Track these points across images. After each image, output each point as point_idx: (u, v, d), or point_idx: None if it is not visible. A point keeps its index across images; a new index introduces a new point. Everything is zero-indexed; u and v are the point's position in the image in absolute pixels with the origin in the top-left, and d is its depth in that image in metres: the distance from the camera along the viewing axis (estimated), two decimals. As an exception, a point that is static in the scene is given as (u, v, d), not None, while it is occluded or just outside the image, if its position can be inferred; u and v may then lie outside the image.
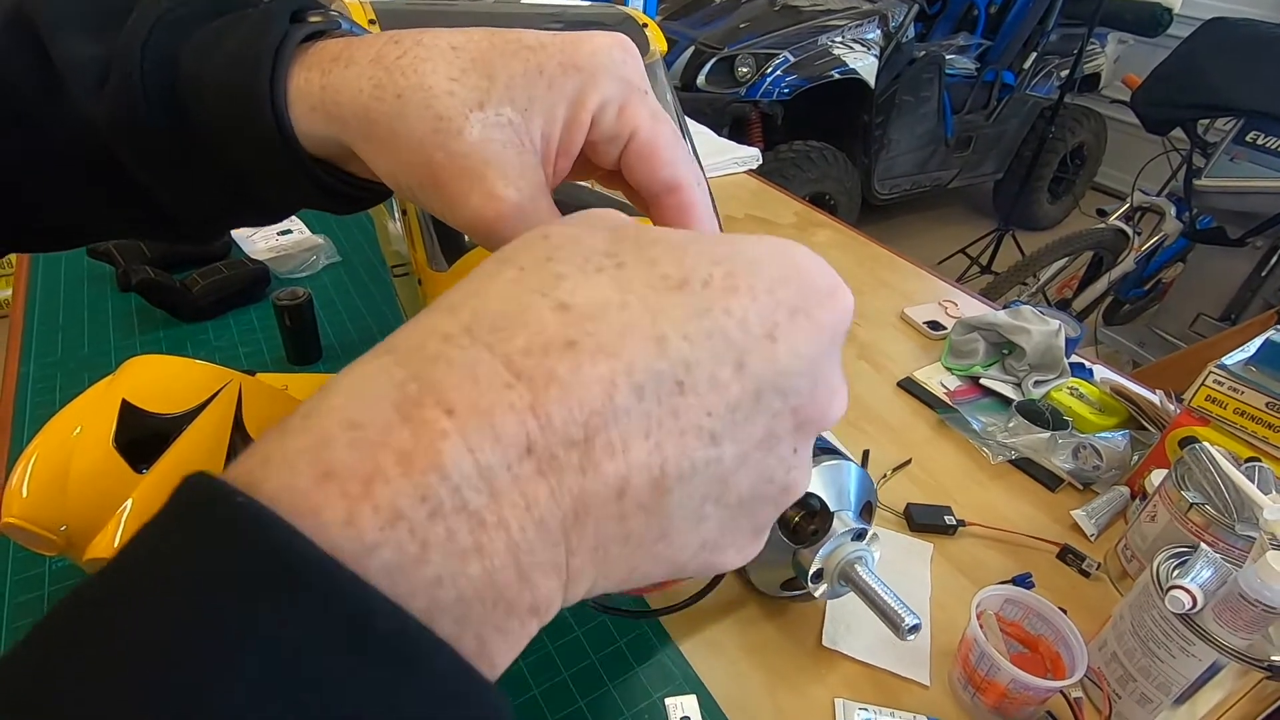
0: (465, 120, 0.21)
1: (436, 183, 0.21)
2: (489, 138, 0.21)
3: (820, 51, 2.45)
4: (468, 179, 0.21)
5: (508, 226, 0.22)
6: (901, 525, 0.60)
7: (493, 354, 0.14)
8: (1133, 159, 2.34)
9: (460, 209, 0.22)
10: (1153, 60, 1.95)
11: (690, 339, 0.15)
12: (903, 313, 0.90)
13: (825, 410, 0.18)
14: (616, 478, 0.14)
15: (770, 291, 0.16)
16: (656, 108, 0.24)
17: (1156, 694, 0.44)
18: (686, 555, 0.17)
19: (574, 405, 0.14)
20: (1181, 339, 2.01)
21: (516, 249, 0.17)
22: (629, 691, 0.46)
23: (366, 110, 0.21)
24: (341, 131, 0.22)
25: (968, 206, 3.58)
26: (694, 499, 0.16)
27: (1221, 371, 0.57)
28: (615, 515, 0.15)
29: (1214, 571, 0.42)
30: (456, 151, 0.21)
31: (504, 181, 0.21)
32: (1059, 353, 0.76)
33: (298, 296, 0.70)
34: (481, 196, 0.21)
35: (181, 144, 0.22)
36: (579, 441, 0.14)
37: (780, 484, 0.18)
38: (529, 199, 0.22)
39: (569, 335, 0.14)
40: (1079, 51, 2.47)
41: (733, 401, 0.16)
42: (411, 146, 0.21)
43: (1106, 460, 0.64)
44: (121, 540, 0.43)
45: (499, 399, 0.14)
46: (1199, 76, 1.77)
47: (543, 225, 0.18)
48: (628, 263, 0.16)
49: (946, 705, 0.47)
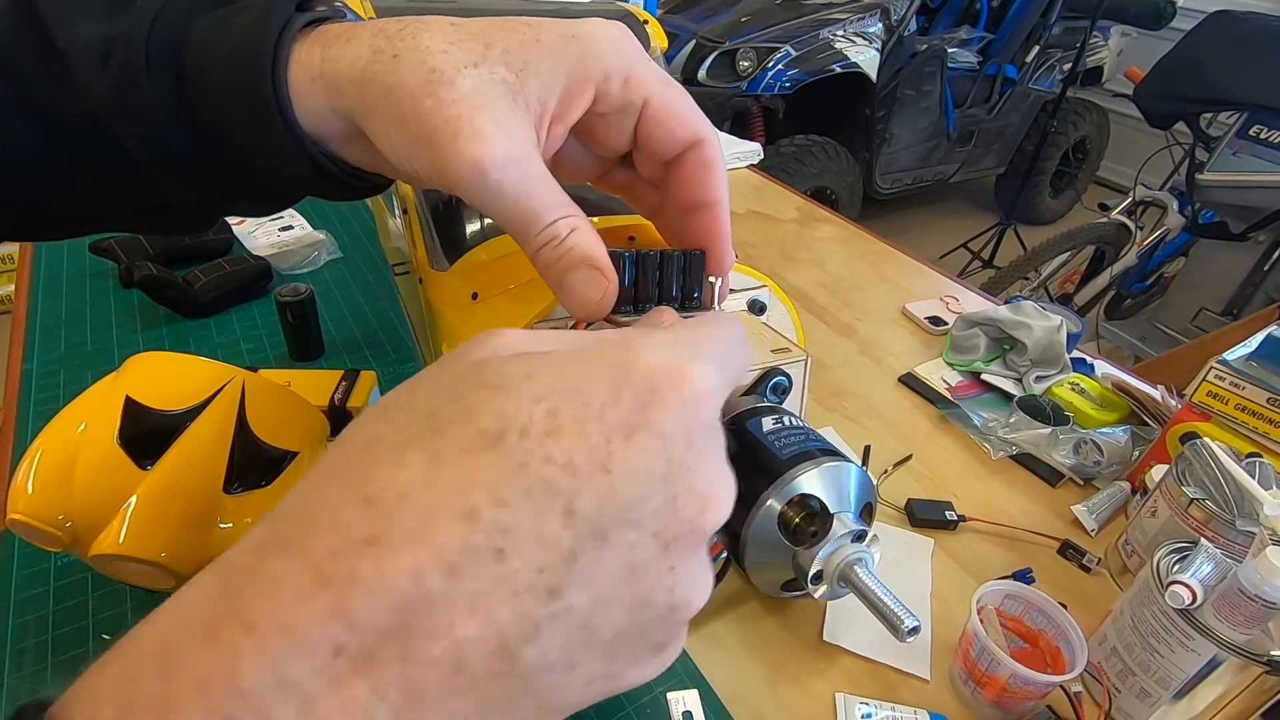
0: (458, 73, 0.21)
1: (426, 132, 0.21)
2: (481, 87, 0.21)
3: (822, 45, 2.44)
4: (457, 122, 0.21)
5: (498, 173, 0.21)
6: (902, 521, 0.60)
7: (301, 561, 0.14)
8: (1135, 153, 2.33)
9: (449, 157, 0.21)
10: (1156, 54, 1.94)
11: (505, 503, 0.15)
12: (904, 308, 0.90)
13: (697, 520, 0.17)
14: (447, 656, 0.14)
15: (600, 419, 0.16)
16: (663, 73, 0.24)
17: (1156, 688, 0.44)
18: (575, 695, 0.17)
19: (380, 600, 0.14)
20: (1183, 334, 2.00)
21: (355, 425, 0.17)
22: (631, 686, 0.47)
23: (363, 74, 0.21)
24: (339, 100, 0.22)
25: (969, 201, 3.57)
26: (554, 651, 0.15)
27: (1223, 367, 0.57)
28: (459, 689, 0.15)
29: (1214, 567, 0.42)
30: (447, 98, 0.21)
31: (493, 125, 0.21)
32: (1060, 348, 0.76)
33: (300, 292, 0.70)
34: (470, 139, 0.21)
35: (182, 122, 0.22)
36: (394, 633, 0.14)
37: (665, 605, 0.17)
38: (520, 150, 0.22)
39: (371, 531, 0.14)
40: (1081, 45, 2.46)
41: (568, 551, 0.15)
42: (404, 98, 0.21)
43: (1107, 455, 0.64)
44: (126, 536, 0.43)
45: (302, 608, 0.14)
46: (1202, 70, 1.76)
47: (401, 385, 0.17)
48: (447, 425, 0.16)
49: (947, 700, 0.47)
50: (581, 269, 0.23)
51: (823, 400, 0.74)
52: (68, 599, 0.49)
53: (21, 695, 0.44)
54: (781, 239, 1.08)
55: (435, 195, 0.42)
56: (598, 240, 0.24)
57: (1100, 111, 3.31)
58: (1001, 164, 3.29)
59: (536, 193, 0.23)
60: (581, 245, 0.23)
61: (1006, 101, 3.05)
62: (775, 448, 0.23)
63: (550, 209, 0.23)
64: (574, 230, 0.23)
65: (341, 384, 0.62)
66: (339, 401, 0.61)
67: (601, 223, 0.33)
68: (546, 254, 0.23)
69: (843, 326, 0.87)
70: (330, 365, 0.73)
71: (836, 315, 0.90)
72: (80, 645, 0.46)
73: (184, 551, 0.45)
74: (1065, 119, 3.13)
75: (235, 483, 0.48)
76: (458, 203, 0.41)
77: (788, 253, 1.04)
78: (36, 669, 0.45)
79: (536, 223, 0.23)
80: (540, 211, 0.23)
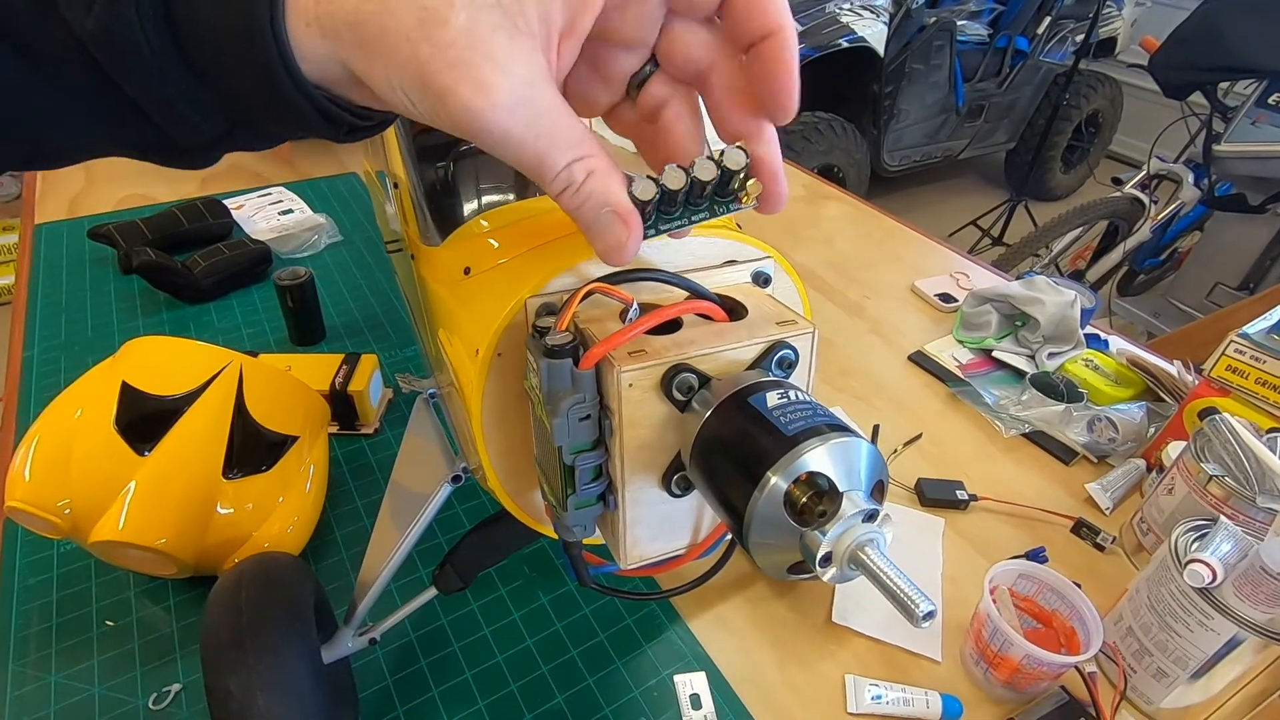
0: (450, 8, 0.20)
1: (426, 80, 0.20)
2: (476, 21, 0.20)
3: (828, 19, 2.40)
4: (456, 70, 0.20)
5: (504, 120, 0.20)
6: (913, 500, 0.59)
7: None
8: (1149, 126, 2.29)
9: (453, 106, 0.20)
10: (1171, 22, 1.89)
11: None
12: (913, 285, 0.89)
13: None
14: None
15: None
16: None
17: (1173, 668, 0.43)
18: None
19: None
20: (1198, 309, 1.97)
21: None
22: (638, 669, 0.46)
23: (356, 15, 0.20)
24: (337, 45, 0.21)
25: (979, 177, 3.52)
26: None
27: (1243, 340, 0.55)
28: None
29: (1234, 545, 0.41)
30: (442, 42, 0.20)
31: (492, 67, 0.20)
32: (1074, 324, 0.74)
33: (299, 276, 0.69)
34: (471, 87, 0.20)
35: (177, 65, 0.21)
36: None
37: None
38: (526, 85, 0.21)
39: None
40: (1095, 15, 2.40)
41: None
42: (400, 42, 0.20)
43: (1122, 432, 0.63)
44: (126, 522, 0.43)
45: None
46: (1220, 38, 1.72)
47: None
48: None
49: (958, 681, 0.47)
50: (604, 214, 0.23)
51: (830, 380, 0.73)
52: (71, 586, 0.49)
53: (26, 683, 0.44)
54: (788, 217, 1.06)
55: (428, 170, 0.41)
56: (618, 181, 0.23)
57: (1113, 84, 3.25)
58: (1012, 139, 3.23)
59: (547, 132, 0.21)
60: (600, 191, 0.22)
61: (1017, 75, 2.99)
62: (781, 423, 0.22)
63: (564, 149, 0.22)
64: (590, 174, 0.22)
65: (342, 368, 0.62)
66: (340, 385, 0.60)
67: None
68: (565, 200, 0.23)
69: (851, 305, 0.86)
70: (332, 349, 0.73)
71: (844, 293, 0.88)
72: (83, 632, 0.46)
73: (184, 537, 0.44)
74: (1078, 92, 3.06)
75: (234, 467, 0.47)
76: (451, 177, 0.40)
77: (794, 231, 1.02)
78: (40, 655, 0.45)
79: (550, 167, 0.22)
80: (552, 154, 0.22)
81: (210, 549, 0.46)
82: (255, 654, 0.34)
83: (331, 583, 0.50)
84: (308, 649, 0.36)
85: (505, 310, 0.27)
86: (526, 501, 0.33)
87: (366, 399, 0.61)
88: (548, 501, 0.30)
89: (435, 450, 0.44)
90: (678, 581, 0.43)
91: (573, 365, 0.25)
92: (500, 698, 0.44)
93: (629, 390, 0.25)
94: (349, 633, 0.42)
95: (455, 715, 0.43)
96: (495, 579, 0.51)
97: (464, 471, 0.40)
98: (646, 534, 0.29)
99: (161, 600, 0.48)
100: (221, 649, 0.34)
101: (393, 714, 0.43)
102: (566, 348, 0.25)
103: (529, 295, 0.27)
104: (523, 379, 0.28)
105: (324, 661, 0.39)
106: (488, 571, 0.51)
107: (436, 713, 0.44)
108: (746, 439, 0.23)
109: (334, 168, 1.08)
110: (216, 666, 0.34)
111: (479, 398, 0.28)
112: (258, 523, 0.47)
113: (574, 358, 0.25)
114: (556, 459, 0.26)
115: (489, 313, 0.28)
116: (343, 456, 0.60)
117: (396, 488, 0.48)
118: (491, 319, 0.28)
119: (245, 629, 0.35)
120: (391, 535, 0.42)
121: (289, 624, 0.36)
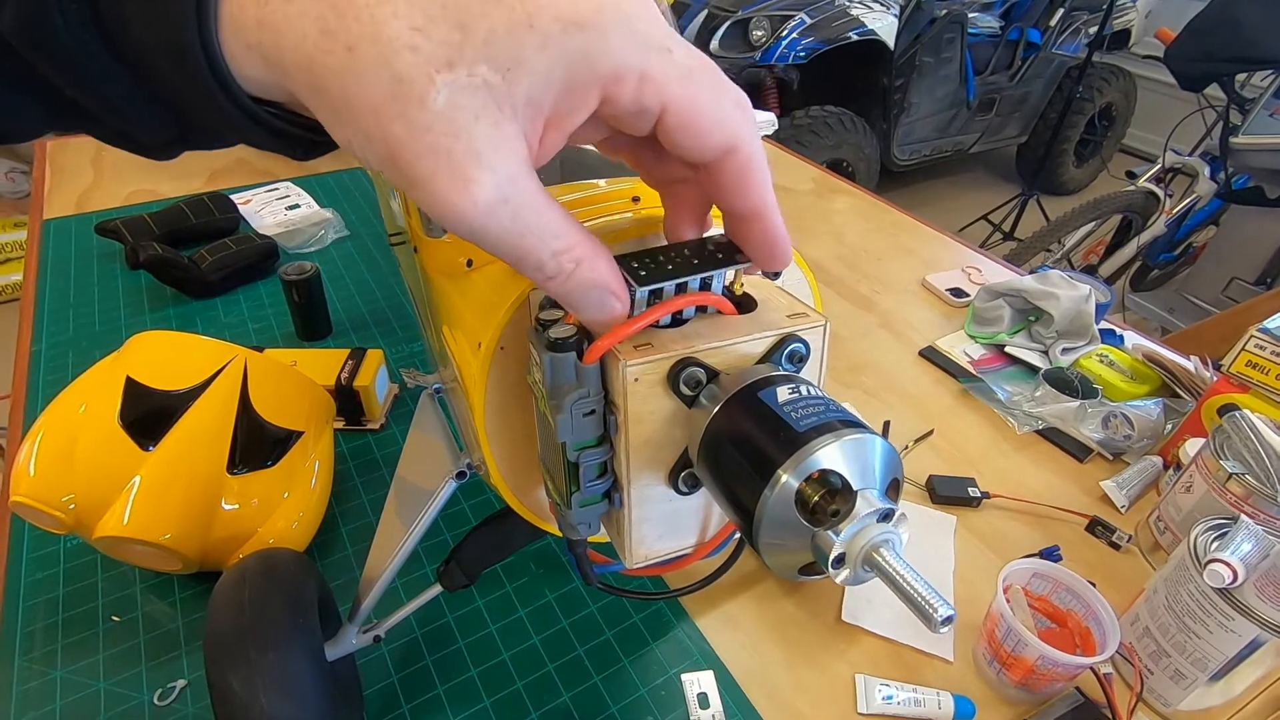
0: (429, 84, 0.17)
1: (397, 161, 0.18)
2: (458, 105, 0.18)
3: (838, 12, 2.37)
4: (432, 159, 0.18)
5: (483, 217, 0.19)
6: (924, 498, 0.59)
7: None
8: (1163, 119, 2.25)
9: (426, 196, 0.19)
10: (1186, 14, 1.86)
11: None
12: (924, 280, 0.88)
13: None
14: None
15: None
16: (685, 63, 0.20)
17: (1192, 670, 0.42)
18: None
19: None
20: (1214, 304, 1.95)
21: None
22: (645, 667, 0.46)
23: (311, 63, 0.18)
24: (284, 80, 0.19)
25: (990, 172, 3.49)
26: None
27: (1264, 335, 0.54)
28: None
29: (1255, 544, 0.40)
30: (419, 124, 0.18)
31: (474, 161, 0.18)
32: (1089, 318, 0.73)
33: (305, 271, 0.69)
34: (449, 182, 0.18)
35: (114, 66, 0.19)
36: None
37: None
38: (508, 182, 0.19)
39: None
40: (1109, 6, 2.37)
41: None
42: (367, 114, 0.18)
43: (1138, 429, 0.62)
44: (130, 518, 0.43)
45: None
46: (1238, 28, 1.69)
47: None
48: None
49: (971, 681, 0.46)
50: (593, 293, 0.22)
51: (841, 375, 0.72)
52: (76, 581, 0.49)
53: (31, 678, 0.43)
54: (797, 211, 1.05)
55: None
56: (607, 264, 0.22)
57: (1127, 76, 3.20)
58: (1023, 133, 3.20)
59: (530, 228, 0.20)
60: (588, 278, 0.21)
61: (1029, 68, 2.96)
62: (792, 419, 0.21)
63: (547, 241, 0.20)
64: (579, 264, 0.21)
65: (348, 362, 0.61)
66: (346, 380, 0.60)
67: (609, 184, 0.31)
68: (552, 289, 0.22)
69: (861, 299, 0.85)
70: (338, 344, 0.72)
71: (855, 288, 0.87)
72: (90, 627, 0.46)
73: (189, 532, 0.44)
74: (1091, 85, 3.03)
75: (239, 463, 0.47)
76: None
77: (804, 225, 1.01)
78: (46, 650, 0.45)
79: (533, 262, 0.21)
80: (537, 250, 0.20)
81: (215, 544, 0.46)
82: (258, 651, 0.34)
83: (336, 579, 0.50)
84: (311, 646, 0.36)
85: (508, 303, 0.27)
86: (531, 498, 0.32)
87: (372, 394, 0.61)
88: (552, 499, 0.29)
89: (440, 446, 0.44)
90: (685, 580, 0.43)
91: (577, 359, 0.24)
92: (506, 695, 0.44)
93: (635, 385, 0.24)
94: (353, 629, 0.41)
95: (460, 713, 0.43)
96: (501, 575, 0.51)
97: (468, 467, 0.39)
98: (652, 532, 0.29)
99: (167, 596, 0.48)
100: (224, 646, 0.34)
101: (397, 711, 0.43)
102: (570, 341, 0.24)
103: (532, 288, 0.26)
104: (526, 373, 0.28)
105: (328, 658, 0.38)
106: (493, 568, 0.51)
107: (441, 710, 0.43)
108: (756, 435, 0.23)
109: (341, 162, 1.08)
110: (219, 663, 0.34)
111: (481, 392, 0.28)
112: (263, 518, 0.47)
113: (578, 351, 0.24)
114: (560, 455, 0.26)
115: (491, 305, 0.28)
116: (348, 452, 0.60)
117: (401, 483, 0.48)
118: (494, 312, 0.27)
119: (248, 626, 0.35)
120: (396, 531, 0.42)
121: (292, 621, 0.36)
